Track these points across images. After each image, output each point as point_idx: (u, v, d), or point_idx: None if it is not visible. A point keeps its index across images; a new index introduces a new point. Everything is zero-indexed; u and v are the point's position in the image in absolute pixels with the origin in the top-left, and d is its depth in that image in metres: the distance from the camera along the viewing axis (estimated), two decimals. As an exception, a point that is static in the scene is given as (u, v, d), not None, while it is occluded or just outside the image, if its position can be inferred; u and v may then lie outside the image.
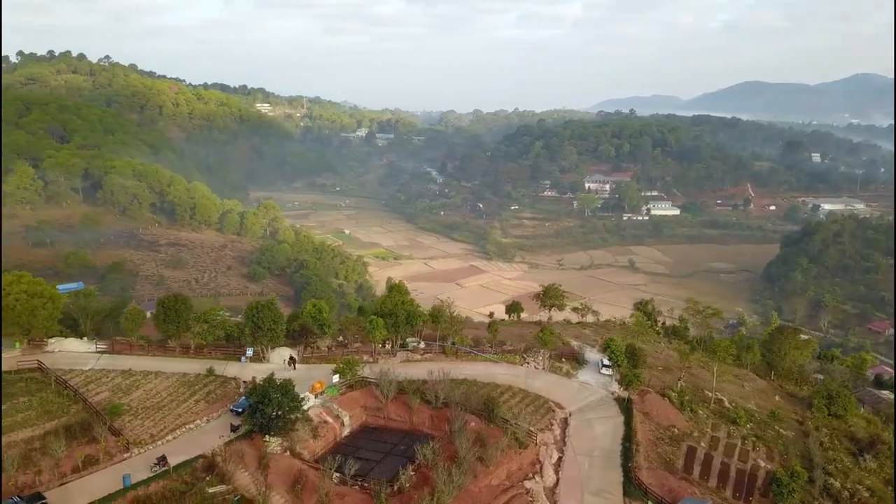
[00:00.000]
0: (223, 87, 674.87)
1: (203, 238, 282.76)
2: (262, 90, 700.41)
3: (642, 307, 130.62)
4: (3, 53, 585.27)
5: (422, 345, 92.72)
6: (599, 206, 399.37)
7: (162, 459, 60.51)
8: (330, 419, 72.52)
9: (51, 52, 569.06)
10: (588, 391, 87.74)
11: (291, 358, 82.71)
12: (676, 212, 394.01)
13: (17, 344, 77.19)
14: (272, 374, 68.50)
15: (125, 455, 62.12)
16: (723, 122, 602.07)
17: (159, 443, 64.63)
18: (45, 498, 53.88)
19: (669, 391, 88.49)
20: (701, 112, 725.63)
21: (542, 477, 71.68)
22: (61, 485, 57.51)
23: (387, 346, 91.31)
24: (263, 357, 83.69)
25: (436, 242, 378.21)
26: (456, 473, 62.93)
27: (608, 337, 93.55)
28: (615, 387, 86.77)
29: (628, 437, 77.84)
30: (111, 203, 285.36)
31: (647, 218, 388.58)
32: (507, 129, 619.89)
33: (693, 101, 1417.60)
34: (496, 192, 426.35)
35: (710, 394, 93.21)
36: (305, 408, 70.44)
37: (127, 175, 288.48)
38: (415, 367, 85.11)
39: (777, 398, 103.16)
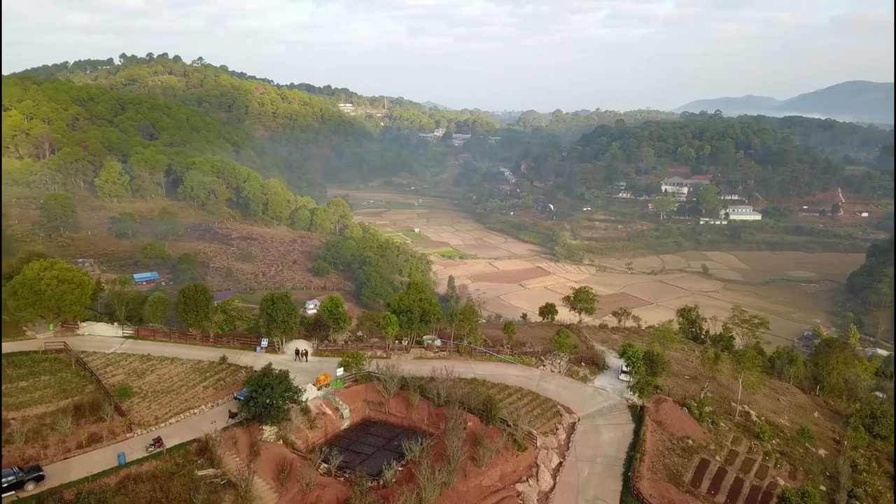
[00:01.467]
0: (308, 88, 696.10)
1: (274, 233, 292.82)
2: (345, 90, 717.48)
3: (685, 313, 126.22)
4: (108, 56, 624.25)
5: (437, 342, 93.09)
6: (675, 209, 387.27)
7: (157, 441, 63.62)
8: (329, 411, 74.05)
9: (150, 54, 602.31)
10: (602, 397, 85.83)
11: (304, 350, 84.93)
12: (758, 217, 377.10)
13: (51, 326, 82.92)
14: (269, 364, 70.63)
15: (128, 435, 65.63)
16: (816, 123, 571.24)
17: (162, 425, 67.94)
18: (42, 471, 57.66)
19: (690, 401, 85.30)
20: (795, 113, 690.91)
21: (537, 481, 70.79)
22: (64, 459, 61.36)
23: (403, 342, 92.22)
24: (278, 348, 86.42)
25: (503, 242, 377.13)
26: (441, 471, 63.11)
27: (626, 342, 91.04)
28: (631, 393, 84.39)
29: (635, 446, 75.67)
30: (191, 198, 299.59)
31: (725, 223, 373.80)
32: (585, 129, 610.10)
33: (788, 103, 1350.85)
34: (569, 193, 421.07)
35: (737, 406, 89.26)
36: (305, 399, 72.29)
37: (206, 171, 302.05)
38: (426, 364, 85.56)
39: (816, 415, 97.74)
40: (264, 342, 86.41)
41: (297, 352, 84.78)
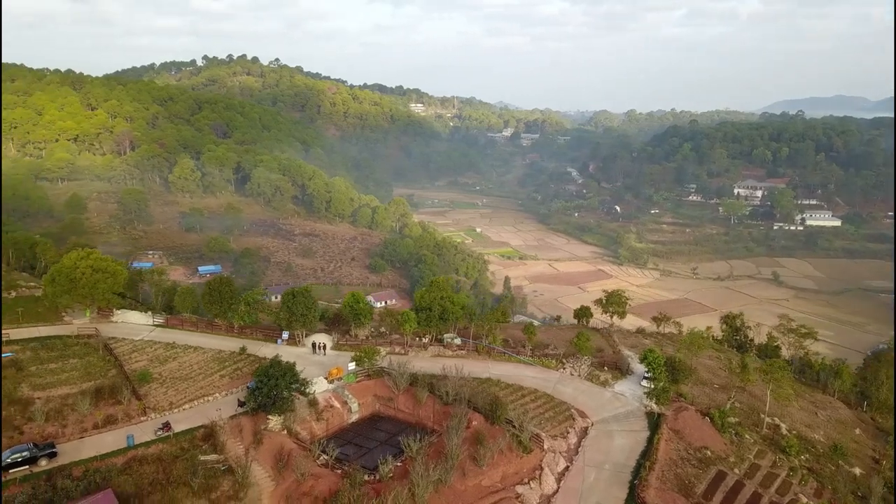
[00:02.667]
0: (381, 88, 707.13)
1: (336, 230, 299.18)
2: (416, 91, 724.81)
3: (729, 320, 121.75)
4: (191, 58, 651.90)
5: (457, 341, 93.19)
6: (747, 213, 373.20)
7: (166, 425, 66.42)
8: (338, 404, 75.39)
9: (230, 55, 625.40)
10: (620, 402, 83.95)
11: (322, 344, 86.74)
12: (837, 223, 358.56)
13: (87, 312, 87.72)
14: (277, 355, 72.50)
15: (142, 418, 68.79)
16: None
17: (176, 411, 70.85)
18: (55, 448, 61.20)
19: (714, 410, 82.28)
20: (887, 114, 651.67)
21: (540, 484, 69.95)
22: (80, 438, 64.91)
23: (423, 339, 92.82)
24: (299, 341, 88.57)
25: (565, 244, 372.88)
26: (436, 469, 63.31)
27: (647, 347, 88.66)
28: (649, 400, 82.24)
29: (647, 454, 73.70)
30: (258, 194, 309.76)
31: (800, 228, 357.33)
32: (658, 130, 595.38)
33: (882, 103, 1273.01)
34: (636, 195, 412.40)
35: (767, 418, 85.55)
36: (313, 392, 73.90)
37: (273, 169, 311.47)
38: (441, 362, 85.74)
39: (857, 431, 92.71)
40: (285, 335, 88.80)
41: (314, 345, 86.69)
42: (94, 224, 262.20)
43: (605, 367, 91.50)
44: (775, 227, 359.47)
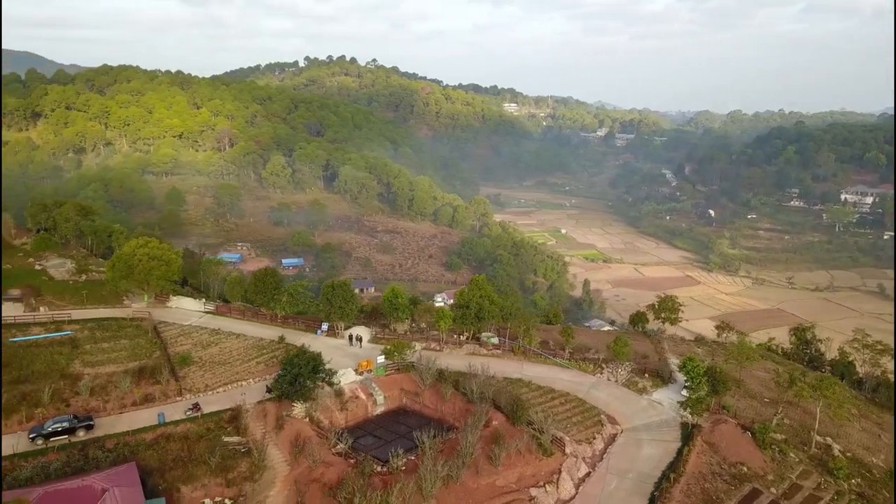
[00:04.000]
0: (475, 88, 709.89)
1: (417, 228, 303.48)
2: (510, 90, 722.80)
3: (799, 333, 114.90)
4: (294, 59, 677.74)
5: (494, 340, 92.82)
6: (854, 220, 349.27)
7: (195, 406, 70.07)
8: (363, 396, 76.97)
9: (329, 56, 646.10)
10: (655, 410, 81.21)
11: (359, 336, 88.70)
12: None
13: (146, 297, 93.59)
14: (303, 345, 74.92)
15: (177, 398, 72.89)
16: None
17: (210, 393, 74.64)
18: (92, 421, 65.93)
19: (759, 425, 78.03)
20: None
21: (557, 488, 68.83)
22: (119, 414, 69.63)
23: (461, 337, 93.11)
24: (337, 333, 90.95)
25: (654, 248, 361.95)
26: (445, 465, 63.60)
27: (687, 355, 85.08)
28: (683, 410, 79.13)
29: (674, 465, 70.98)
30: (344, 191, 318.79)
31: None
32: (762, 131, 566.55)
33: None
34: (733, 199, 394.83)
35: (819, 438, 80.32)
36: (339, 382, 75.84)
37: (360, 167, 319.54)
38: (474, 360, 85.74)
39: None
40: (324, 326, 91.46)
41: (351, 337, 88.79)
42: (191, 216, 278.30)
43: (647, 374, 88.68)
44: (885, 237, 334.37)
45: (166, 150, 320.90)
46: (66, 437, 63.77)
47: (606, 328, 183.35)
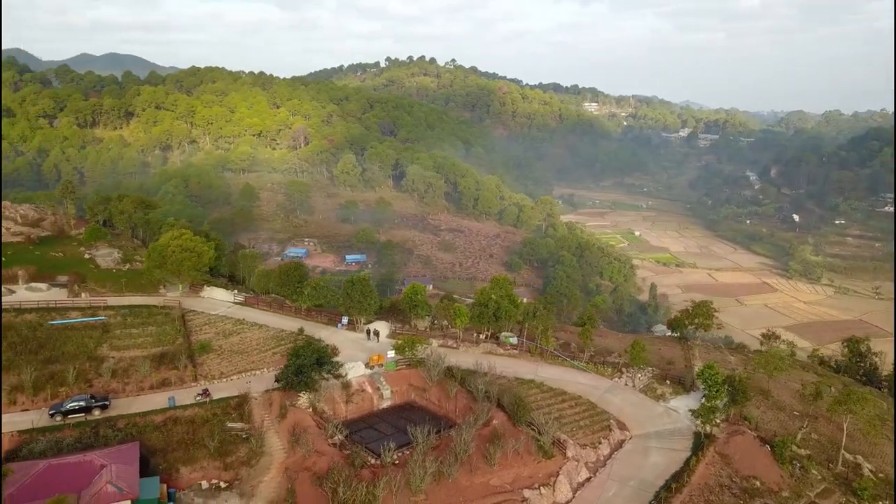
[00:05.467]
0: (556, 87, 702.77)
1: (481, 227, 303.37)
2: (592, 90, 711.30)
3: (852, 345, 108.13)
4: (374, 60, 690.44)
5: (513, 340, 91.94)
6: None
7: (205, 392, 73.02)
8: (370, 389, 78.04)
9: (409, 57, 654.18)
10: (669, 418, 78.58)
11: (376, 331, 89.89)
12: None
13: (180, 287, 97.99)
14: (310, 337, 76.60)
15: (192, 384, 76.16)
16: None
17: (224, 380, 77.58)
18: (108, 401, 69.79)
19: (782, 439, 74.17)
20: None
21: (553, 491, 67.84)
22: (136, 396, 73.49)
23: (480, 335, 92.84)
24: (357, 327, 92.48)
25: (730, 253, 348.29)
26: (434, 462, 63.81)
27: (706, 363, 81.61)
28: (698, 419, 76.15)
29: (680, 475, 68.53)
30: (412, 190, 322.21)
31: None
32: (859, 132, 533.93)
33: None
34: (820, 203, 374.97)
35: (848, 456, 75.59)
36: (346, 375, 77.25)
37: (427, 166, 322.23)
38: (487, 359, 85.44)
39: (971, 483, 78.59)
40: (344, 320, 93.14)
41: (368, 332, 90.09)
42: (263, 212, 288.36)
43: (668, 381, 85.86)
44: None
45: (244, 148, 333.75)
46: (83, 415, 67.79)
47: (670, 334, 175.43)
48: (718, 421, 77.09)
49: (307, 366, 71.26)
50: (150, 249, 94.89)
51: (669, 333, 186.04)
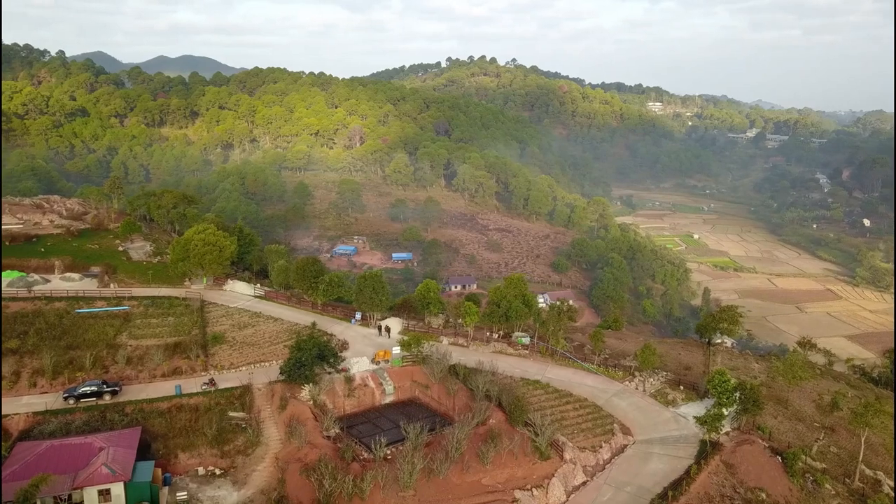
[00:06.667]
0: (619, 87, 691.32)
1: (531, 227, 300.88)
2: (656, 89, 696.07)
3: (890, 355, 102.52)
4: (436, 60, 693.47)
5: (525, 340, 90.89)
6: None
7: (211, 381, 75.15)
8: (373, 385, 78.63)
9: (470, 57, 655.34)
10: (676, 425, 76.34)
11: (387, 327, 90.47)
12: None
13: (204, 280, 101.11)
14: (321, 331, 77.69)
15: (202, 373, 78.55)
16: None
17: (233, 371, 79.68)
18: (118, 387, 72.67)
19: (794, 450, 71.04)
20: None
21: (546, 493, 67.06)
22: (148, 383, 76.33)
23: (492, 334, 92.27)
24: (370, 322, 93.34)
25: (794, 258, 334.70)
26: (423, 458, 63.86)
27: (716, 369, 78.70)
28: (702, 426, 73.62)
29: (679, 483, 66.52)
30: (463, 189, 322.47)
31: None
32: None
33: None
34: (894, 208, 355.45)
35: (868, 471, 71.78)
36: (350, 369, 78.20)
37: (479, 166, 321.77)
38: (496, 358, 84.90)
39: None
40: (358, 315, 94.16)
41: (380, 328, 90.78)
42: (316, 209, 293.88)
43: (682, 386, 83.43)
44: None
45: (300, 147, 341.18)
46: (94, 399, 70.82)
47: (720, 341, 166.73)
48: (729, 429, 74.50)
49: (308, 359, 72.40)
50: (175, 243, 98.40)
51: (729, 343, 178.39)
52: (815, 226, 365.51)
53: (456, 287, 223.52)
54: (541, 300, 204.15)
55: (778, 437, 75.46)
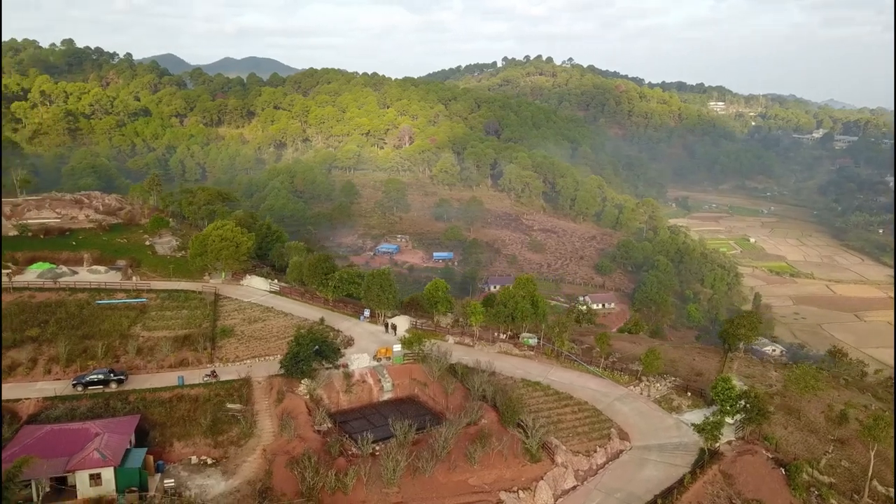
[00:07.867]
0: (680, 86, 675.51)
1: (577, 228, 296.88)
2: (719, 88, 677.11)
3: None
4: (493, 60, 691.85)
5: (532, 341, 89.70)
6: None
7: (212, 373, 77.00)
8: (371, 381, 79.13)
9: (526, 56, 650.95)
10: (677, 431, 74.15)
11: (394, 325, 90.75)
12: None
13: (223, 275, 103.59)
14: (312, 326, 78.64)
15: (208, 365, 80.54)
16: None
17: (238, 363, 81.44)
18: (124, 376, 75.30)
19: (796, 463, 68.05)
20: None
21: (533, 495, 66.26)
22: (156, 373, 78.82)
23: (499, 335, 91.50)
24: (378, 320, 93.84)
25: (856, 264, 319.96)
26: (407, 456, 63.93)
27: (721, 376, 75.84)
28: (701, 434, 71.23)
29: (671, 492, 64.60)
30: (509, 189, 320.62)
31: None
32: None
33: None
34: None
35: (881, 487, 68.13)
36: (349, 365, 78.88)
37: (525, 165, 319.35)
38: (500, 358, 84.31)
39: None
40: (367, 312, 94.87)
41: (387, 325, 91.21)
42: (362, 208, 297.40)
43: (689, 393, 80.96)
44: None
45: (350, 147, 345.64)
46: (101, 387, 73.59)
47: (770, 348, 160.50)
48: (732, 438, 71.97)
49: (306, 354, 73.40)
50: (193, 239, 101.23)
51: (779, 350, 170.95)
52: (881, 230, 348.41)
53: (494, 287, 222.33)
54: (582, 302, 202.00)
55: (786, 448, 72.49)
